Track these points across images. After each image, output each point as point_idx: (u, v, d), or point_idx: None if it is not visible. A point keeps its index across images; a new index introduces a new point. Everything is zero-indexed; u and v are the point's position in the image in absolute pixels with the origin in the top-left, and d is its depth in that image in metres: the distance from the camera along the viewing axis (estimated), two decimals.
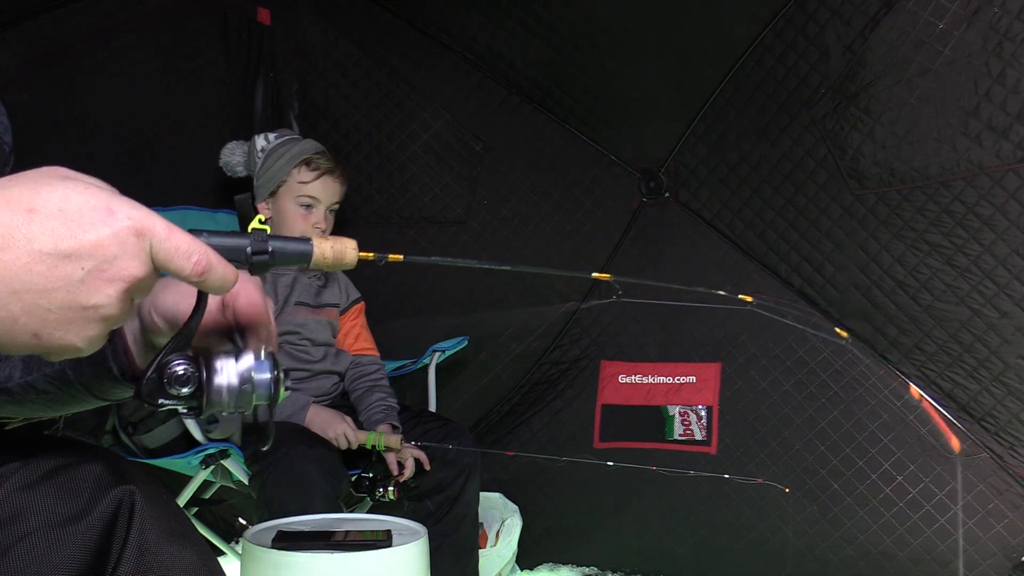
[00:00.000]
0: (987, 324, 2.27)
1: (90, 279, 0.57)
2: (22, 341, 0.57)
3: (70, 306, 0.57)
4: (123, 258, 0.58)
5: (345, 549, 1.49)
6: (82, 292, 0.57)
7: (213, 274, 0.62)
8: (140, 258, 0.59)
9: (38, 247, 0.55)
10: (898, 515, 2.41)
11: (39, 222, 0.56)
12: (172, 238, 0.60)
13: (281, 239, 0.68)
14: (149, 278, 0.60)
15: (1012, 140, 2.11)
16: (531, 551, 2.74)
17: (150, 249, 0.59)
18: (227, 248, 0.65)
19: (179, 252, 0.60)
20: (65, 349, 0.59)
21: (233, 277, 0.64)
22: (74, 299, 0.57)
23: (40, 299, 0.56)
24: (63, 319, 0.57)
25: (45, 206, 0.56)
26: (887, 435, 2.45)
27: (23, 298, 0.56)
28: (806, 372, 2.56)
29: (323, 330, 2.34)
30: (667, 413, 2.69)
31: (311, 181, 2.27)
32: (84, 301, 0.57)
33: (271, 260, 0.67)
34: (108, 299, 0.58)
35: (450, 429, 2.24)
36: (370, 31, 2.84)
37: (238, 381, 0.69)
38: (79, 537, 0.80)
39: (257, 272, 0.68)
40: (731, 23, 2.50)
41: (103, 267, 0.57)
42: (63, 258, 0.56)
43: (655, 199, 2.74)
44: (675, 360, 2.72)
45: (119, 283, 0.58)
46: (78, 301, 0.57)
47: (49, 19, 2.37)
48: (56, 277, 0.56)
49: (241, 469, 2.06)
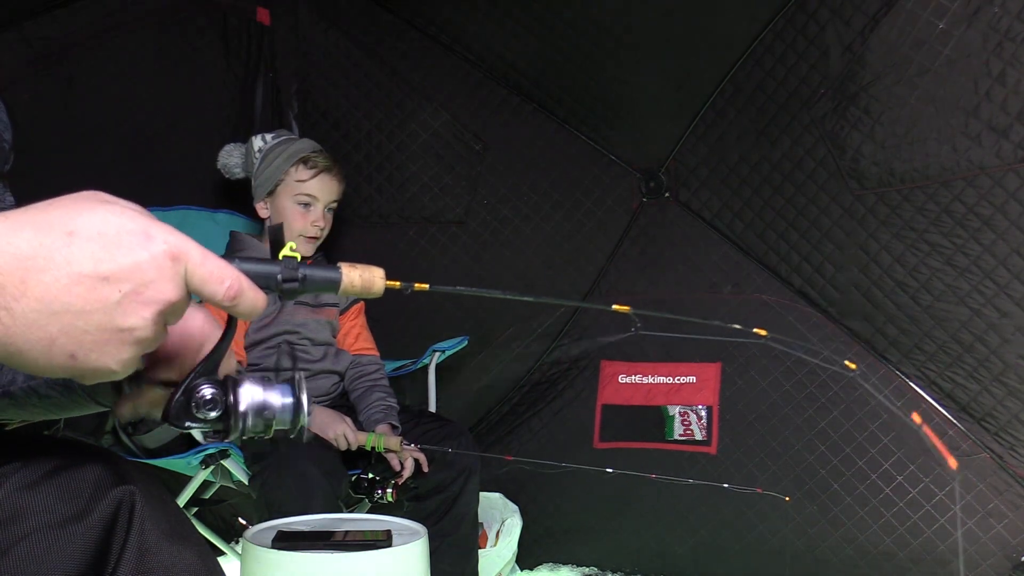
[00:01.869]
0: (987, 324, 2.27)
1: (126, 302, 0.58)
2: (59, 363, 0.58)
3: (106, 328, 0.58)
4: (159, 282, 0.59)
5: (345, 549, 1.49)
6: (119, 314, 0.58)
7: (244, 299, 0.63)
8: (175, 282, 0.60)
9: (78, 269, 0.56)
10: (898, 515, 2.41)
11: (79, 244, 0.56)
12: (207, 263, 0.61)
13: (312, 267, 0.69)
14: (183, 302, 0.61)
15: (1012, 140, 2.11)
16: (531, 551, 2.74)
17: (184, 273, 0.60)
18: (259, 275, 0.66)
19: (213, 277, 0.61)
20: (100, 372, 0.60)
21: (263, 303, 0.65)
22: (111, 321, 0.58)
23: (78, 320, 0.57)
24: (99, 341, 0.58)
25: (85, 229, 0.57)
26: (887, 435, 2.45)
27: (62, 319, 0.56)
28: (806, 372, 2.56)
29: (323, 330, 2.34)
30: (667, 413, 2.69)
31: (309, 179, 2.27)
32: (120, 323, 0.58)
33: (301, 287, 0.68)
34: (143, 321, 0.59)
35: (449, 430, 2.24)
36: (370, 31, 2.84)
37: (261, 407, 0.70)
38: (79, 537, 0.81)
39: (288, 298, 0.69)
40: (731, 23, 2.50)
41: (140, 290, 0.58)
42: (101, 280, 0.57)
43: (655, 199, 2.74)
44: (675, 360, 2.72)
45: (154, 306, 0.59)
46: (114, 323, 0.58)
47: (49, 19, 2.37)
48: (94, 299, 0.57)
49: (241, 469, 2.07)
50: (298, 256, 0.69)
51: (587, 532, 2.74)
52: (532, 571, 2.74)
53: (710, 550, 2.60)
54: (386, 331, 2.59)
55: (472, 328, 2.72)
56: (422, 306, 2.86)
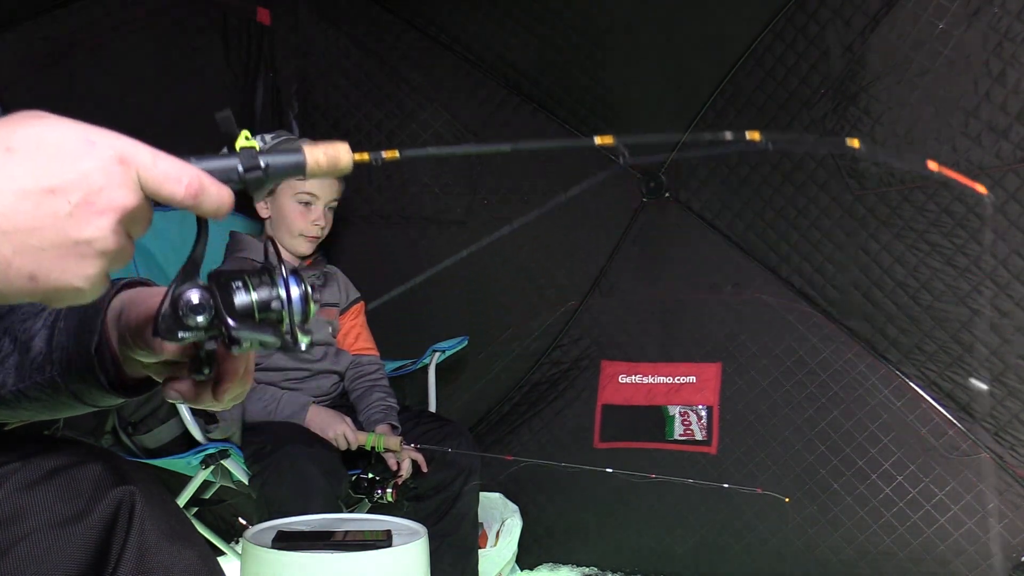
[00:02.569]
0: (987, 324, 2.27)
1: (78, 212, 0.55)
2: (19, 286, 0.56)
3: (62, 243, 0.55)
4: (110, 188, 0.56)
5: (345, 549, 1.49)
6: (72, 226, 0.55)
7: (208, 196, 0.60)
8: (128, 186, 0.57)
9: (19, 185, 0.54)
10: (898, 515, 2.41)
11: (18, 160, 0.54)
12: (159, 163, 0.59)
13: (272, 153, 0.65)
14: (142, 208, 0.58)
15: (1012, 140, 2.11)
16: (531, 551, 2.74)
17: (137, 177, 0.58)
18: (218, 170, 0.62)
19: (169, 177, 0.59)
20: (65, 291, 0.57)
21: (229, 198, 0.62)
22: (65, 235, 0.55)
23: (30, 239, 0.55)
24: (58, 257, 0.56)
25: (23, 144, 0.55)
26: (887, 435, 2.45)
27: (13, 240, 0.54)
28: (806, 372, 2.56)
29: (323, 329, 2.34)
30: (667, 413, 2.68)
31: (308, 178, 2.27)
32: (76, 235, 0.56)
33: (266, 176, 0.65)
34: (101, 231, 0.56)
35: (449, 430, 2.24)
36: (370, 31, 2.84)
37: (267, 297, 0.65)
38: (79, 537, 0.81)
39: (253, 190, 0.65)
40: (731, 23, 2.50)
41: (90, 199, 0.56)
42: (47, 193, 0.55)
43: (655, 199, 2.74)
44: (675, 360, 2.72)
45: (110, 214, 0.56)
46: (69, 236, 0.55)
47: (49, 19, 2.37)
48: (43, 214, 0.55)
49: (241, 469, 2.07)
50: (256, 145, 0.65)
51: (587, 532, 2.73)
52: (532, 571, 2.74)
53: (710, 550, 2.60)
54: (386, 331, 2.59)
55: (472, 328, 2.72)
56: (422, 306, 2.86)
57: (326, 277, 2.43)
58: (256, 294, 0.65)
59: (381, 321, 2.57)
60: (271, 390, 2.17)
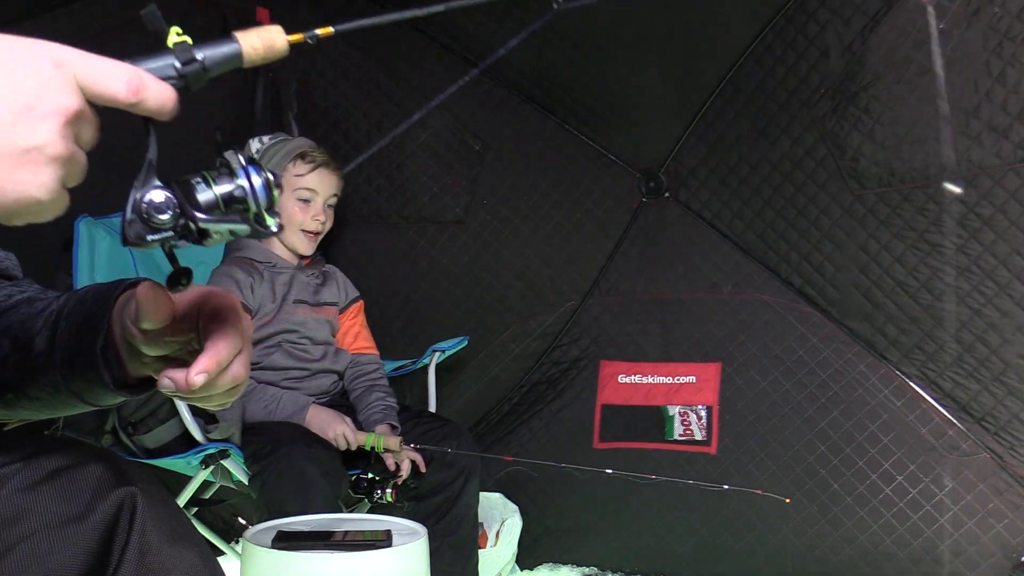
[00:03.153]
0: (987, 324, 2.27)
1: (21, 120, 0.55)
2: None
3: (10, 153, 0.55)
4: (49, 92, 0.56)
5: (345, 549, 1.49)
6: (17, 134, 0.55)
7: (150, 93, 0.60)
8: (67, 89, 0.57)
9: None
10: (898, 515, 2.41)
11: None
12: (94, 63, 0.58)
13: (205, 45, 0.64)
14: (85, 112, 0.58)
15: (1012, 140, 2.11)
16: (531, 551, 2.74)
17: (75, 79, 0.58)
18: (155, 68, 0.62)
19: (106, 75, 0.59)
20: (25, 203, 0.57)
21: (172, 94, 0.62)
22: (11, 144, 0.55)
23: None
24: (7, 168, 0.55)
25: None
26: (887, 435, 2.45)
27: None
28: (806, 372, 2.56)
29: (322, 328, 2.34)
30: (667, 413, 2.68)
31: (307, 173, 2.28)
32: (23, 143, 0.56)
33: (204, 70, 0.64)
34: (48, 135, 0.56)
35: (449, 430, 2.24)
36: (370, 31, 2.82)
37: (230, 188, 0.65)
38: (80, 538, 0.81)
39: (196, 86, 0.64)
40: (731, 23, 2.50)
41: (32, 104, 0.56)
42: None
43: (655, 199, 2.74)
44: (675, 360, 2.72)
45: (54, 118, 0.56)
46: (16, 145, 0.55)
47: (49, 19, 2.37)
48: None
49: (241, 469, 2.07)
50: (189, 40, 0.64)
51: (587, 532, 2.74)
52: (532, 571, 2.74)
53: (710, 550, 2.60)
54: (386, 331, 2.59)
55: (472, 328, 2.72)
56: (422, 306, 2.87)
57: (325, 277, 2.43)
58: (218, 187, 0.65)
59: (381, 321, 2.57)
60: (271, 390, 2.17)
